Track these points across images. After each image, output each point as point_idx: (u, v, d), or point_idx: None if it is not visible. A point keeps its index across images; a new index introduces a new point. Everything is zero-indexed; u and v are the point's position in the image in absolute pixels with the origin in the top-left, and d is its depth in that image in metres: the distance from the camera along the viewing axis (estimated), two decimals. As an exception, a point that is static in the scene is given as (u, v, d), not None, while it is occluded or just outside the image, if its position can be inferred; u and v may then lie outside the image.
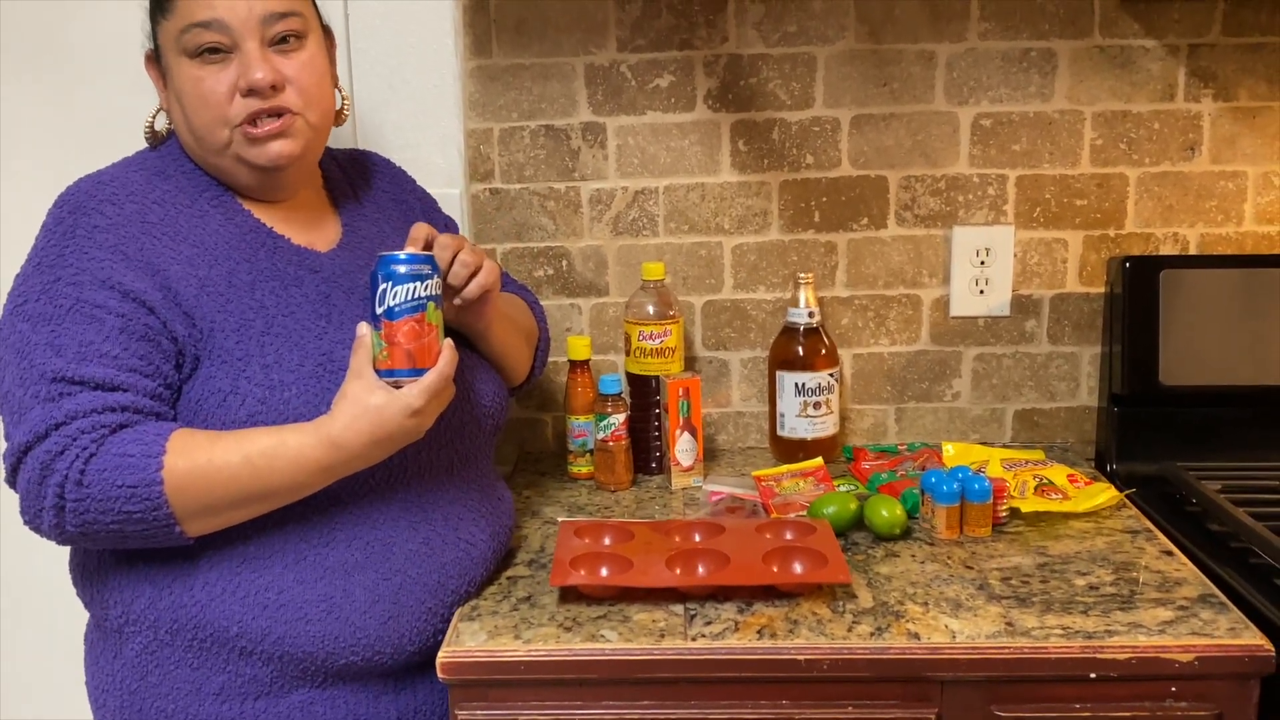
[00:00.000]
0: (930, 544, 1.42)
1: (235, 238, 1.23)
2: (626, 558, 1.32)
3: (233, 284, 1.20)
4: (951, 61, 1.68)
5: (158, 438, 1.10)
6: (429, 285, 1.16)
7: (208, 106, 1.20)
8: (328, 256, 1.29)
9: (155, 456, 1.09)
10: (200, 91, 1.20)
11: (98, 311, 1.13)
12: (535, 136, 1.73)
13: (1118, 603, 1.25)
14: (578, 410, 1.67)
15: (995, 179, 1.71)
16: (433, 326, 1.16)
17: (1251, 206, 1.72)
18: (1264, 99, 1.69)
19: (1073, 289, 1.74)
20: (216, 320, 1.17)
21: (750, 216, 1.74)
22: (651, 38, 1.69)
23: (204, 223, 1.23)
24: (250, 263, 1.22)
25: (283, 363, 1.18)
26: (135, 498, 1.08)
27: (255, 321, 1.19)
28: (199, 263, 1.19)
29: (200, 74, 1.19)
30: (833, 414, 1.70)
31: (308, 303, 1.23)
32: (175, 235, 1.20)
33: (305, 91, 1.23)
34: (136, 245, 1.16)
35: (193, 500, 1.11)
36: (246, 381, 1.16)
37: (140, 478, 1.08)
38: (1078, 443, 1.78)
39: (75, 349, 1.11)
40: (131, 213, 1.18)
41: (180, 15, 1.19)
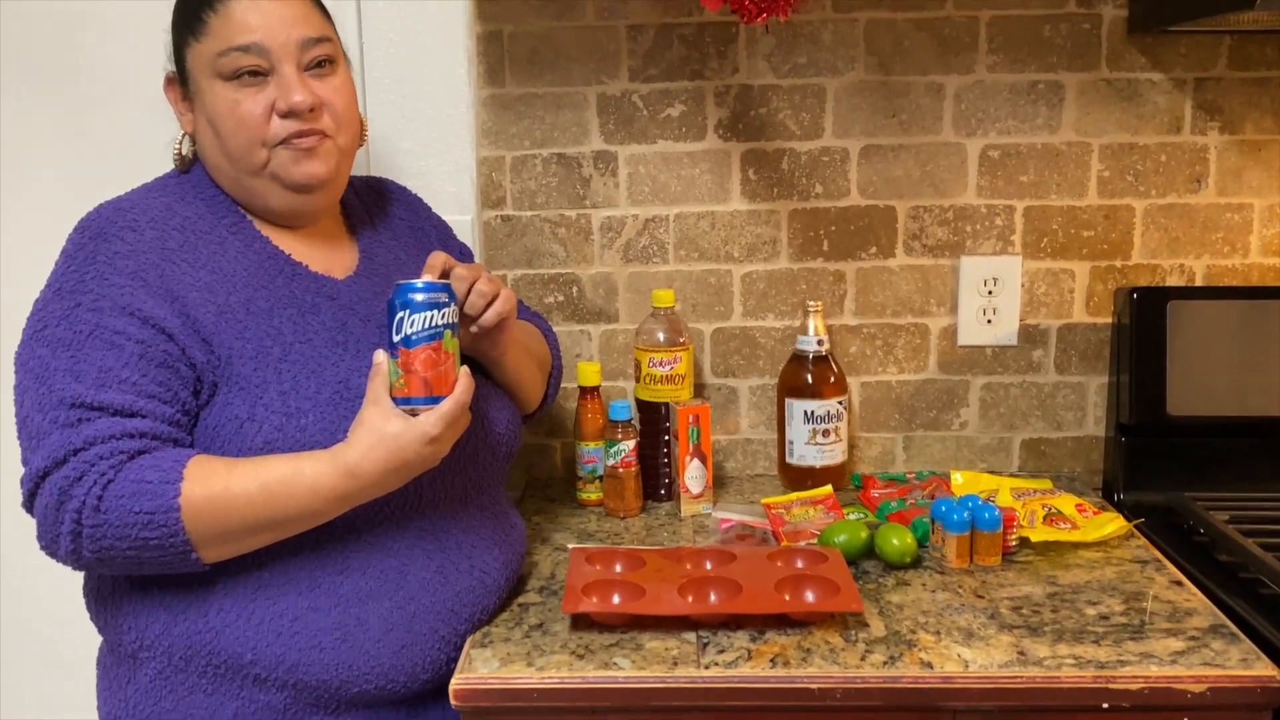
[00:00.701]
0: (941, 573, 1.42)
1: (254, 265, 1.24)
2: (638, 585, 1.32)
3: (251, 311, 1.21)
4: (960, 93, 1.70)
5: (175, 464, 1.10)
6: (446, 314, 1.16)
7: (245, 128, 1.21)
8: (345, 284, 1.30)
9: (173, 483, 1.09)
10: (238, 114, 1.21)
11: (117, 338, 1.13)
12: (547, 164, 1.74)
13: (1129, 633, 1.26)
14: (588, 436, 1.68)
15: (1003, 209, 1.73)
16: (449, 355, 1.17)
17: (1257, 238, 1.73)
18: (1270, 132, 1.70)
19: (1080, 319, 1.75)
20: (234, 347, 1.18)
21: (760, 245, 1.76)
22: (663, 68, 1.71)
23: (223, 249, 1.24)
24: (268, 290, 1.23)
25: (300, 390, 1.18)
26: (152, 524, 1.09)
27: (273, 349, 1.20)
28: (218, 289, 1.20)
29: (237, 96, 1.21)
30: (841, 442, 1.71)
31: (325, 330, 1.24)
32: (195, 262, 1.20)
33: (338, 115, 1.26)
34: (156, 272, 1.17)
35: (209, 527, 1.11)
36: (264, 408, 1.17)
37: (158, 504, 1.09)
38: (1085, 472, 1.79)
39: (95, 375, 1.12)
40: (151, 239, 1.19)
41: (216, 38, 1.21)
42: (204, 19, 1.21)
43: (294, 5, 1.23)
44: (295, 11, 1.23)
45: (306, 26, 1.23)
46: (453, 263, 1.26)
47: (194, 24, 1.22)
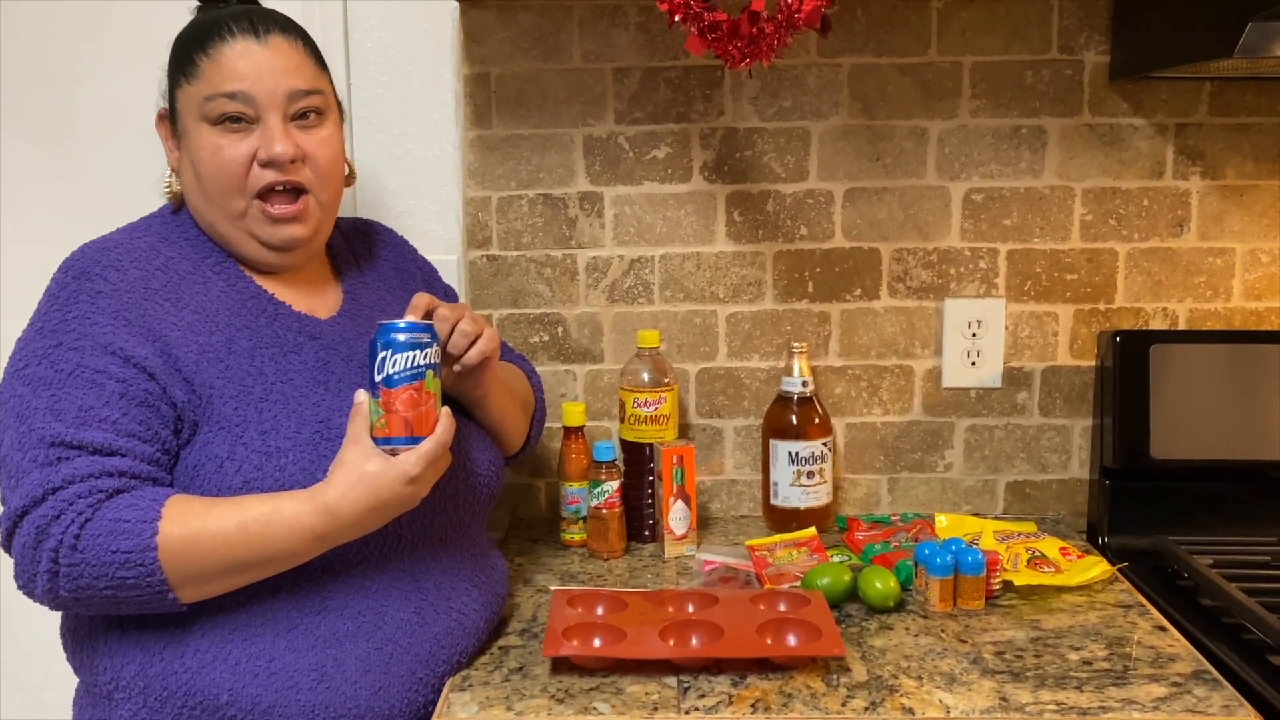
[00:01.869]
0: (924, 616, 1.42)
1: (236, 304, 1.25)
2: (620, 628, 1.31)
3: (233, 350, 1.21)
4: (943, 137, 1.71)
5: (153, 503, 1.10)
6: (428, 354, 1.17)
7: (225, 174, 1.22)
8: (328, 324, 1.30)
9: (150, 522, 1.09)
10: (219, 159, 1.22)
11: (98, 377, 1.13)
12: (533, 205, 1.75)
13: (1111, 678, 1.25)
14: (571, 477, 1.67)
15: (986, 252, 1.74)
16: (430, 395, 1.17)
17: (1240, 283, 1.74)
18: (1251, 177, 1.72)
19: (1064, 362, 1.76)
20: (216, 386, 1.18)
21: (745, 286, 1.76)
22: (649, 110, 1.72)
23: (206, 289, 1.24)
24: (250, 329, 1.23)
25: (280, 429, 1.18)
26: (130, 564, 1.08)
27: (254, 388, 1.20)
28: (200, 329, 1.20)
29: (220, 141, 1.22)
30: (826, 483, 1.71)
31: (306, 369, 1.24)
32: (178, 301, 1.21)
33: (320, 169, 1.26)
34: (139, 311, 1.17)
35: (187, 567, 1.10)
36: (244, 447, 1.16)
37: (135, 543, 1.08)
38: (1069, 515, 1.79)
39: (75, 414, 1.11)
40: (135, 279, 1.19)
41: (206, 82, 1.22)
42: (196, 61, 1.22)
43: (287, 55, 1.24)
44: (288, 61, 1.24)
45: (298, 78, 1.24)
46: (436, 303, 1.27)
47: (186, 65, 1.23)
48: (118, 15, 1.69)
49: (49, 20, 1.70)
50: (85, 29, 1.70)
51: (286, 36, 1.25)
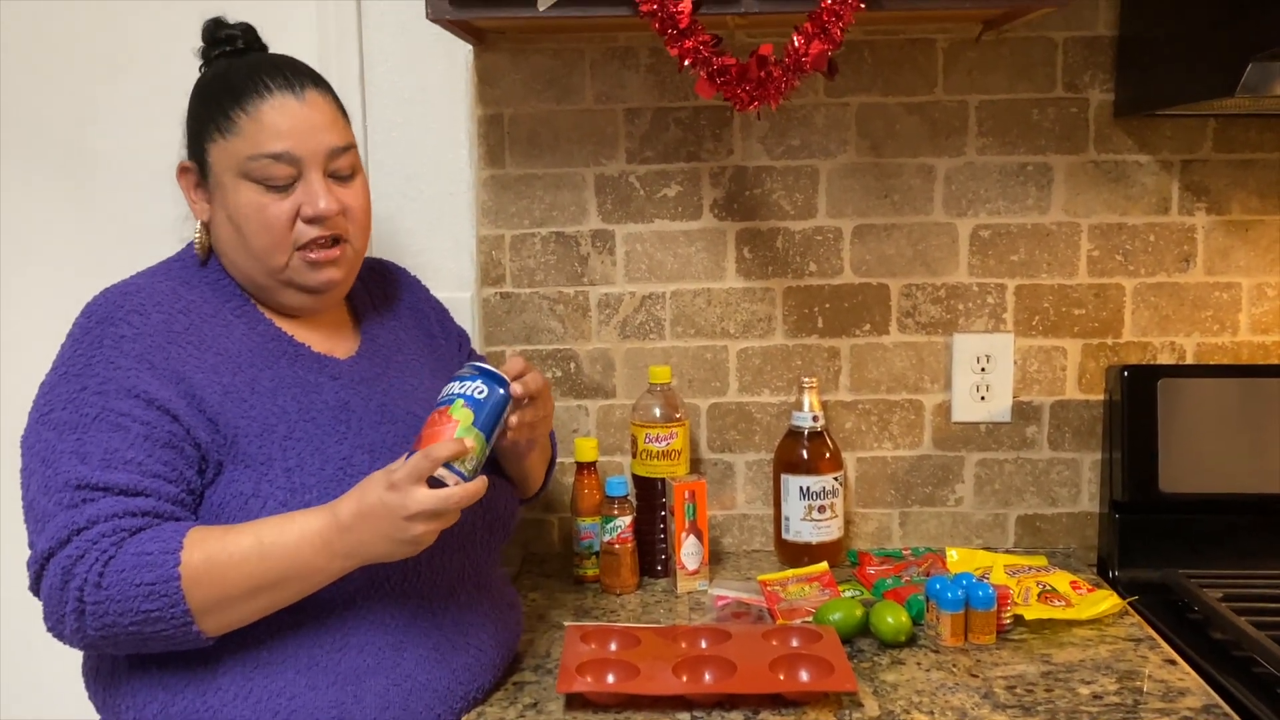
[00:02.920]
0: (935, 651, 1.43)
1: (258, 346, 1.27)
2: (633, 664, 1.32)
3: (255, 390, 1.23)
4: (950, 175, 1.73)
5: (175, 534, 1.12)
6: (466, 386, 1.19)
7: (271, 231, 1.24)
8: (347, 364, 1.32)
9: (173, 553, 1.10)
10: (265, 218, 1.24)
11: (123, 420, 1.15)
12: (546, 243, 1.77)
13: (1122, 713, 1.26)
14: (584, 512, 1.69)
15: (994, 288, 1.75)
16: (452, 420, 1.16)
17: (1246, 317, 1.75)
18: (1256, 213, 1.73)
19: (1072, 396, 1.77)
20: (240, 425, 1.20)
21: (755, 321, 1.78)
22: (659, 150, 1.75)
23: (228, 331, 1.26)
24: (272, 370, 1.26)
25: (304, 466, 1.20)
26: (154, 594, 1.10)
27: (278, 427, 1.22)
28: (223, 370, 1.22)
29: (264, 200, 1.24)
30: (837, 517, 1.72)
31: (327, 409, 1.26)
32: (200, 344, 1.23)
33: (357, 220, 1.30)
34: (162, 355, 1.19)
35: (208, 592, 1.11)
36: (269, 484, 1.18)
37: (158, 574, 1.10)
38: (1080, 549, 1.80)
39: (100, 456, 1.13)
40: (158, 322, 1.21)
41: (246, 140, 1.23)
42: (233, 118, 1.23)
43: (323, 111, 1.27)
44: (324, 118, 1.26)
45: (334, 135, 1.27)
46: (528, 368, 1.26)
47: (221, 121, 1.24)
48: (137, 60, 1.72)
49: (70, 64, 1.73)
50: (105, 73, 1.73)
51: (320, 91, 1.28)
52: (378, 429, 1.25)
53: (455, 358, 1.49)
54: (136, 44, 1.72)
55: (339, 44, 1.70)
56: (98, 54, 1.73)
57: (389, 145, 1.73)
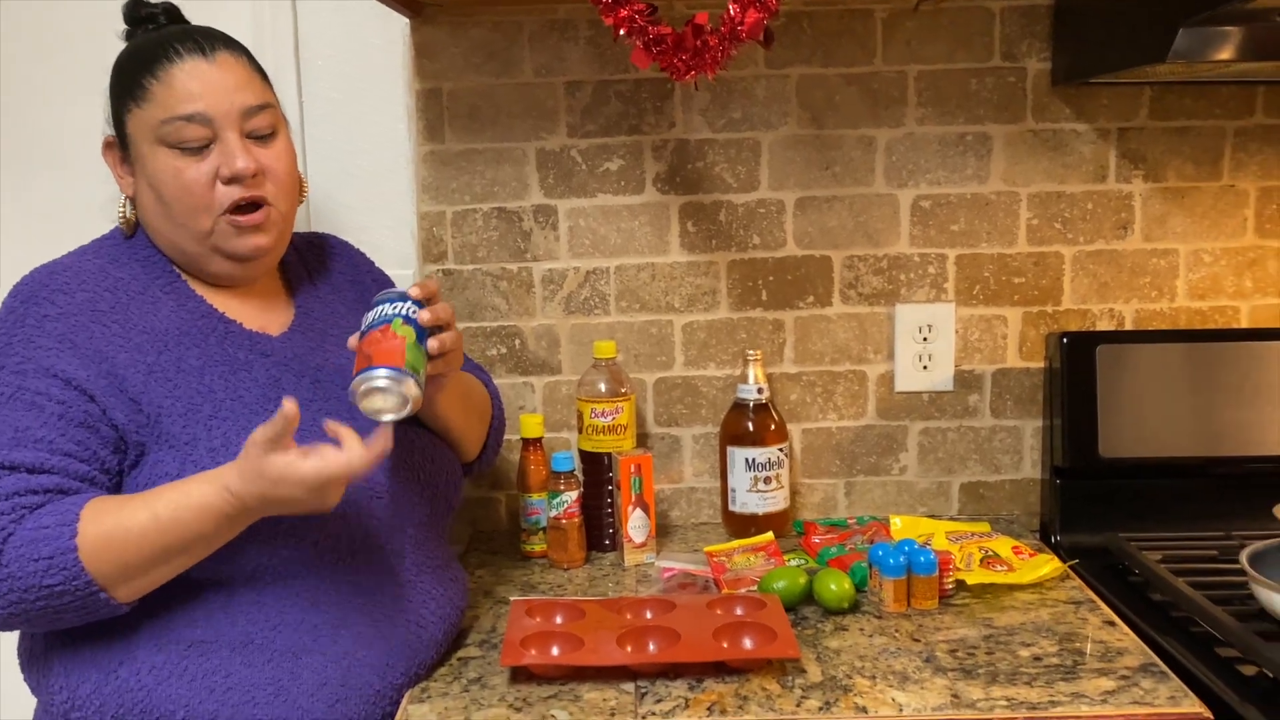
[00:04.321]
0: (878, 617, 1.44)
1: (186, 323, 1.25)
2: (578, 636, 1.32)
3: (181, 369, 1.21)
4: (891, 146, 1.74)
5: (72, 507, 1.10)
6: (399, 307, 1.20)
7: (190, 195, 1.23)
8: (279, 340, 1.31)
9: (69, 524, 1.09)
10: (183, 181, 1.22)
11: (38, 399, 1.14)
12: (488, 219, 1.76)
13: (1061, 673, 1.27)
14: (531, 488, 1.68)
15: (935, 258, 1.77)
16: (397, 336, 1.17)
17: (1183, 283, 1.77)
18: (1191, 179, 1.75)
19: (1013, 364, 1.79)
20: (164, 405, 1.19)
21: (699, 295, 1.78)
22: (601, 123, 1.74)
23: (156, 309, 1.24)
24: (200, 348, 1.24)
25: (229, 446, 1.18)
26: (53, 569, 1.08)
27: (203, 406, 1.20)
28: (148, 349, 1.21)
29: (180, 164, 1.22)
30: (783, 489, 1.73)
31: (257, 386, 1.24)
32: (126, 322, 1.21)
33: (279, 181, 1.27)
34: (86, 334, 1.18)
35: (110, 564, 1.10)
36: (193, 465, 1.17)
37: (55, 548, 1.08)
38: (1023, 515, 1.82)
39: (10, 435, 1.13)
40: (82, 301, 1.20)
41: (159, 106, 1.22)
42: (145, 85, 1.22)
43: (236, 71, 1.25)
44: (237, 78, 1.25)
45: (249, 94, 1.25)
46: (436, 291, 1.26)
47: (135, 90, 1.23)
48: (67, 40, 1.69)
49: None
50: (34, 54, 1.70)
51: (232, 53, 1.26)
52: (308, 407, 1.22)
53: None
54: (65, 24, 1.69)
55: (273, 19, 1.68)
56: (23, 33, 1.70)
57: (326, 121, 1.71)
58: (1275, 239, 1.77)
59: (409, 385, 1.15)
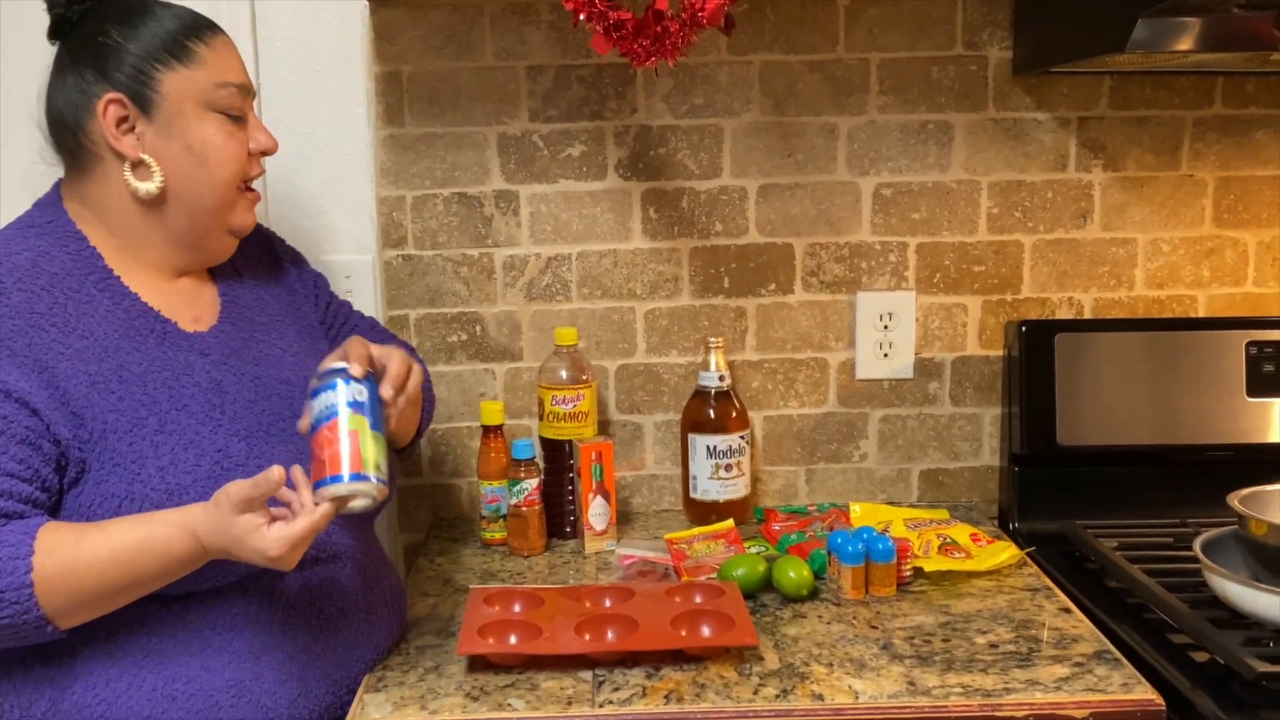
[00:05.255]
0: (837, 604, 1.44)
1: (123, 325, 1.20)
2: (536, 625, 1.32)
3: (123, 378, 1.16)
4: (853, 133, 1.74)
5: (25, 538, 1.06)
6: (341, 394, 1.14)
7: (234, 163, 1.24)
8: (212, 336, 1.27)
9: (24, 559, 1.05)
10: (232, 149, 1.23)
11: None
12: (448, 204, 1.75)
13: (1016, 660, 1.28)
14: (490, 475, 1.68)
15: (896, 246, 1.77)
16: (350, 431, 1.12)
17: (1142, 272, 1.79)
18: (1151, 169, 1.76)
19: (973, 352, 1.80)
20: (108, 420, 1.14)
21: (661, 282, 1.77)
22: (563, 108, 1.73)
23: (92, 309, 1.18)
24: (140, 352, 1.19)
25: (178, 464, 1.15)
26: (4, 601, 1.04)
27: (148, 419, 1.15)
28: (89, 356, 1.15)
29: (229, 129, 1.23)
30: (744, 476, 1.73)
31: (200, 393, 1.20)
32: (65, 326, 1.15)
33: None
34: (24, 340, 1.12)
35: (63, 599, 1.07)
36: (142, 485, 1.13)
37: (9, 581, 1.04)
38: (982, 502, 1.83)
39: None
40: (19, 302, 1.13)
41: (210, 69, 1.22)
42: (191, 48, 1.21)
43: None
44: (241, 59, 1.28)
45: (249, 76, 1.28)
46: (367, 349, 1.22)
47: (178, 50, 1.20)
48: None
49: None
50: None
51: None
52: (251, 409, 1.21)
53: (315, 306, 1.46)
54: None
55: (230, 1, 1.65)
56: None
57: (284, 104, 1.69)
58: (1233, 229, 1.78)
59: (371, 486, 1.12)
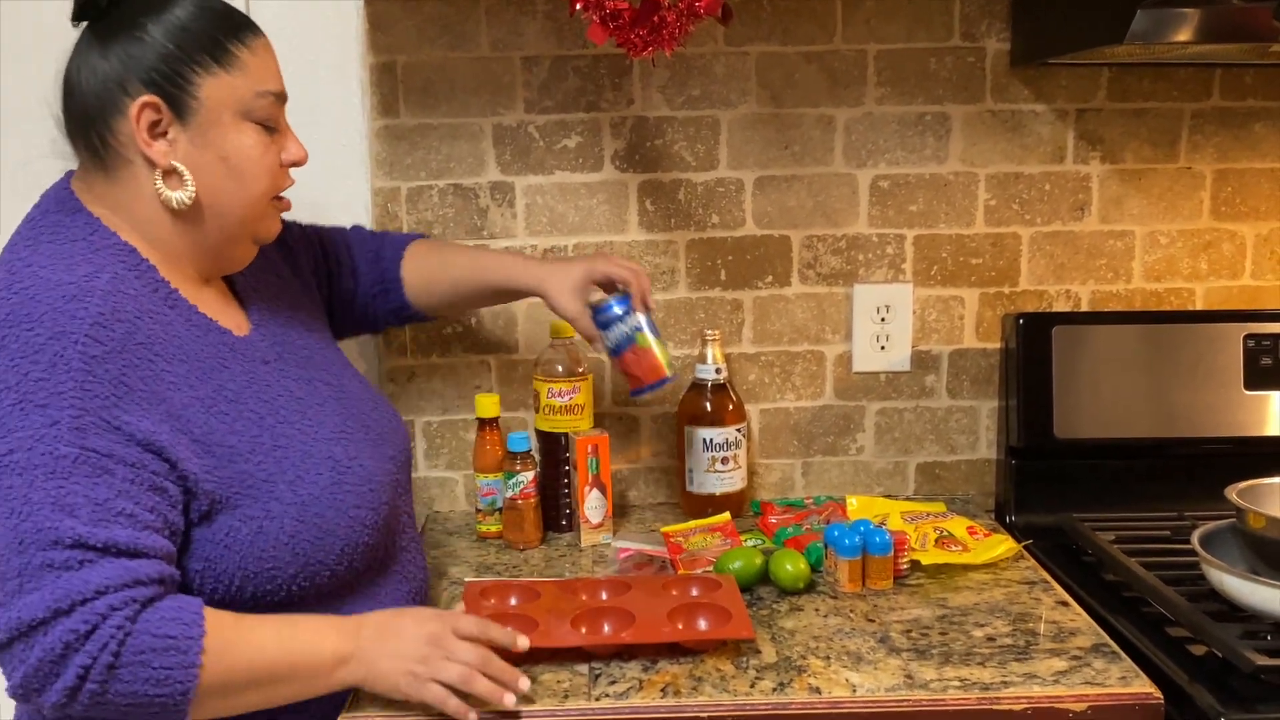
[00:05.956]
0: (834, 597, 1.44)
1: (200, 341, 1.16)
2: (532, 618, 1.31)
3: (227, 398, 1.14)
4: (850, 125, 1.73)
5: (196, 617, 1.03)
6: (630, 322, 1.46)
7: (269, 175, 1.19)
8: (261, 341, 1.25)
9: (196, 639, 1.02)
10: (268, 162, 1.18)
11: (106, 462, 1.02)
12: (444, 195, 1.74)
13: (1014, 654, 1.28)
14: (486, 468, 1.67)
15: (894, 238, 1.76)
16: (648, 350, 1.47)
17: (1139, 264, 1.78)
18: (1149, 161, 1.76)
19: (970, 344, 1.79)
20: (230, 443, 1.11)
21: (658, 274, 1.77)
22: (559, 99, 1.72)
23: (173, 330, 1.13)
24: (228, 369, 1.16)
25: (304, 477, 1.15)
26: (170, 680, 1.00)
27: (262, 437, 1.14)
28: (194, 381, 1.11)
29: (265, 141, 1.18)
30: (740, 469, 1.72)
31: (288, 402, 1.19)
32: (165, 354, 1.10)
33: None
34: (138, 375, 1.06)
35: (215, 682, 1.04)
36: (278, 503, 1.12)
37: (179, 660, 1.01)
38: (978, 495, 1.82)
39: (89, 509, 1.00)
40: (122, 335, 1.06)
41: (252, 76, 1.17)
42: (233, 51, 1.15)
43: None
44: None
45: None
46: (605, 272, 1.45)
47: (218, 53, 1.14)
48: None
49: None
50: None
51: None
52: (322, 410, 1.21)
53: (316, 263, 1.48)
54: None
55: (224, -10, 1.64)
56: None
57: (279, 95, 1.68)
58: (1230, 221, 1.78)
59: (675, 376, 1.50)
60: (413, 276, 1.54)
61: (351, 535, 1.19)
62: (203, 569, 1.11)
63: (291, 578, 1.14)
